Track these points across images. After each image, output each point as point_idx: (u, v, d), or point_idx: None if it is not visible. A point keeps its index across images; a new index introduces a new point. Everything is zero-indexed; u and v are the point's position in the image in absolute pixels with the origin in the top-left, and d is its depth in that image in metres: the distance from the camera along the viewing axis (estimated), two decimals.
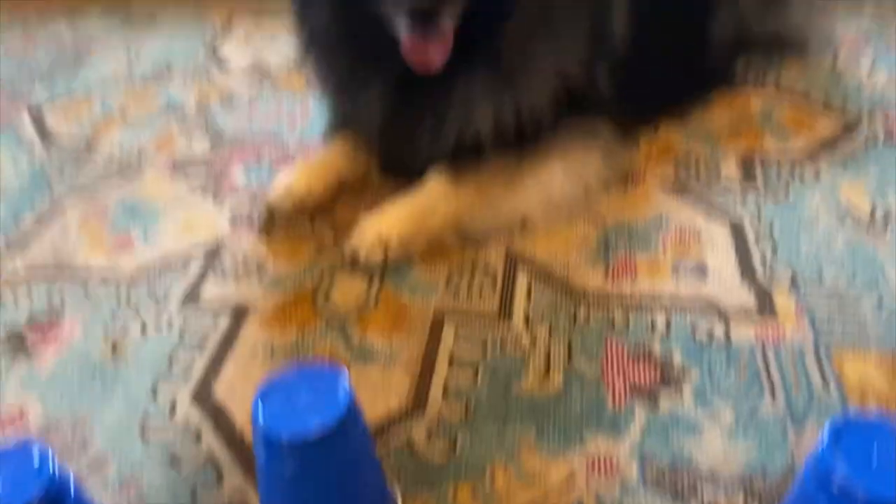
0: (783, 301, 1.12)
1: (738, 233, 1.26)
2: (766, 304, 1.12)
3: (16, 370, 1.10)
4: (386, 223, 1.25)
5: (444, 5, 1.10)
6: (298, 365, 0.80)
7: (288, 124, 1.66)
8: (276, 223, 1.34)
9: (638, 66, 1.42)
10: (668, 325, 1.10)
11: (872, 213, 1.27)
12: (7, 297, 1.23)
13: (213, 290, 1.22)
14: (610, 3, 1.38)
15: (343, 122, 1.45)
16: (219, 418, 1.00)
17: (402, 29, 1.15)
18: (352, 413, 0.76)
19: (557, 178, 1.34)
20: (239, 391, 1.04)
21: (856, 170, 1.39)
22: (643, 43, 1.41)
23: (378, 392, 1.02)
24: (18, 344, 1.14)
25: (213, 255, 1.29)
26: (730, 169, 1.41)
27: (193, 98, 1.80)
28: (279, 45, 2.00)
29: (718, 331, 1.08)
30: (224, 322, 1.16)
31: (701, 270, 1.19)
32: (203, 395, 1.04)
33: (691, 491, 0.87)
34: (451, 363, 1.06)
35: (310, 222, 1.35)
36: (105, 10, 2.35)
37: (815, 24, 1.80)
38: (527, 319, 1.13)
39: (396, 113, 1.32)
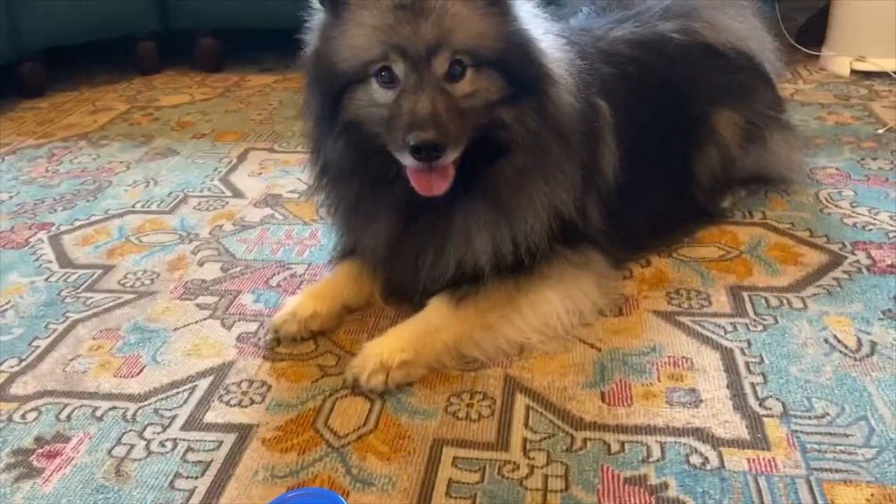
0: (774, 431, 1.14)
1: (728, 362, 1.30)
2: (757, 434, 1.14)
3: (20, 489, 1.11)
4: (388, 349, 1.29)
5: (445, 147, 1.20)
6: (298, 491, 0.82)
7: (297, 251, 1.74)
8: (280, 344, 1.39)
9: (627, 200, 1.51)
10: (662, 452, 1.12)
11: (859, 344, 1.32)
12: (16, 417, 1.25)
13: (217, 412, 1.25)
14: (599, 141, 1.49)
15: (350, 248, 1.52)
16: None
17: (407, 163, 1.24)
18: None
19: (553, 305, 1.39)
20: None
21: (841, 301, 1.44)
22: (631, 177, 1.51)
23: None
24: (24, 462, 1.16)
25: (218, 378, 1.33)
26: (720, 299, 1.47)
27: (207, 224, 1.89)
28: (290, 177, 2.12)
29: (712, 459, 1.10)
30: (227, 444, 1.18)
31: (694, 398, 1.22)
32: None
33: None
34: (448, 490, 1.08)
35: (314, 345, 1.40)
36: (127, 142, 2.49)
37: (795, 160, 1.91)
38: (524, 446, 1.15)
39: (400, 240, 1.39)
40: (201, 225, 1.89)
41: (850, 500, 1.02)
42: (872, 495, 1.02)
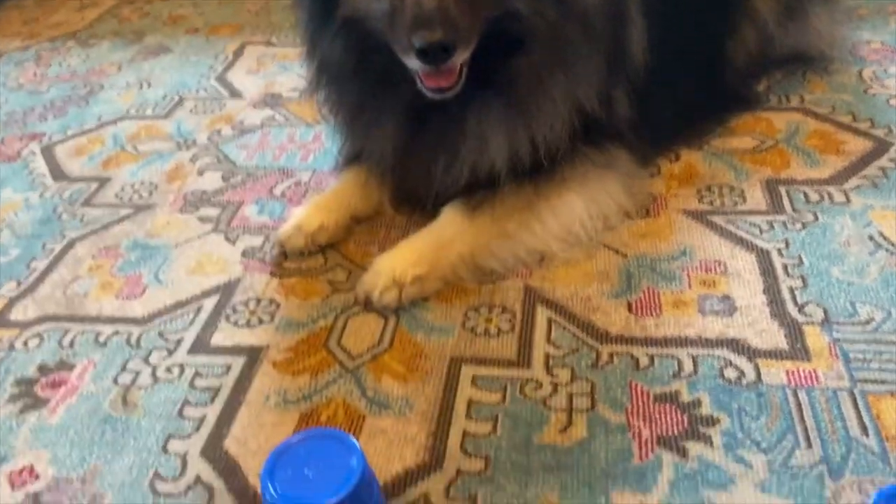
0: (815, 340, 1.07)
1: (765, 265, 1.21)
2: (797, 344, 1.07)
3: (26, 420, 1.08)
4: (400, 263, 1.21)
5: (454, 47, 1.07)
6: (308, 432, 0.76)
7: (300, 156, 1.64)
8: (287, 259, 1.32)
9: (657, 91, 1.38)
10: (695, 366, 1.05)
11: None
12: (18, 344, 1.21)
13: (225, 334, 1.19)
14: (627, 21, 1.34)
15: (355, 153, 1.42)
16: (231, 475, 0.97)
17: (413, 66, 1.12)
18: (365, 481, 0.72)
19: (576, 210, 1.30)
20: (252, 444, 1.01)
21: (887, 193, 1.34)
22: (661, 66, 1.37)
23: (393, 445, 0.99)
24: (28, 392, 1.12)
25: (224, 297, 1.27)
26: (755, 196, 1.37)
27: (205, 129, 1.78)
28: (290, 73, 1.99)
29: (748, 373, 1.03)
30: (236, 369, 1.13)
31: (728, 306, 1.14)
32: (214, 449, 1.01)
33: None
34: (468, 412, 1.02)
35: (323, 259, 1.33)
36: (117, 41, 2.35)
37: (838, 35, 1.75)
38: (547, 363, 1.09)
39: (409, 145, 1.29)
40: (199, 130, 1.79)
41: None
42: None
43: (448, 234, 1.26)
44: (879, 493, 0.62)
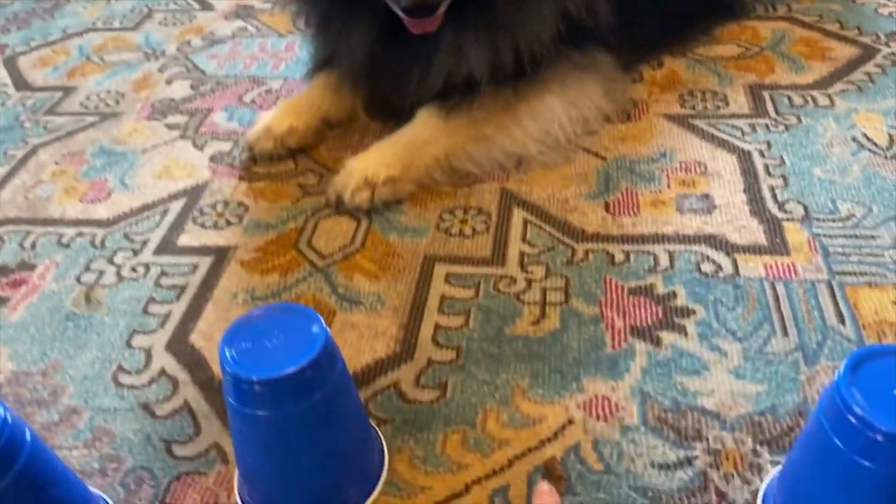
0: (795, 235, 1.05)
1: (746, 165, 1.19)
2: (776, 239, 1.05)
3: None
4: (372, 164, 1.18)
5: (439, 4, 1.06)
6: (269, 307, 0.74)
7: (272, 65, 1.58)
8: (256, 163, 1.28)
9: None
10: (671, 261, 1.03)
11: (890, 141, 1.20)
12: None
13: (192, 235, 1.16)
14: None
15: (326, 60, 1.37)
16: (195, 367, 0.95)
17: (397, 9, 1.08)
18: (328, 352, 0.70)
19: (555, 113, 1.26)
20: (217, 338, 0.97)
21: (872, 96, 1.31)
22: None
23: (364, 339, 0.97)
24: None
25: (192, 200, 1.23)
26: (738, 100, 1.33)
27: (175, 40, 1.72)
28: None
29: (725, 266, 1.01)
30: (203, 268, 1.10)
31: (707, 205, 1.12)
32: (180, 343, 0.98)
33: (695, 433, 0.82)
34: (441, 307, 1.00)
35: (293, 164, 1.29)
36: None
37: None
38: (522, 261, 1.06)
39: (382, 51, 1.24)
40: (168, 41, 1.72)
41: (875, 303, 0.94)
42: None
43: (423, 136, 1.22)
44: (852, 356, 0.60)
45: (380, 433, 0.84)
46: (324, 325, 0.71)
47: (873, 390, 0.58)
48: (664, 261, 1.03)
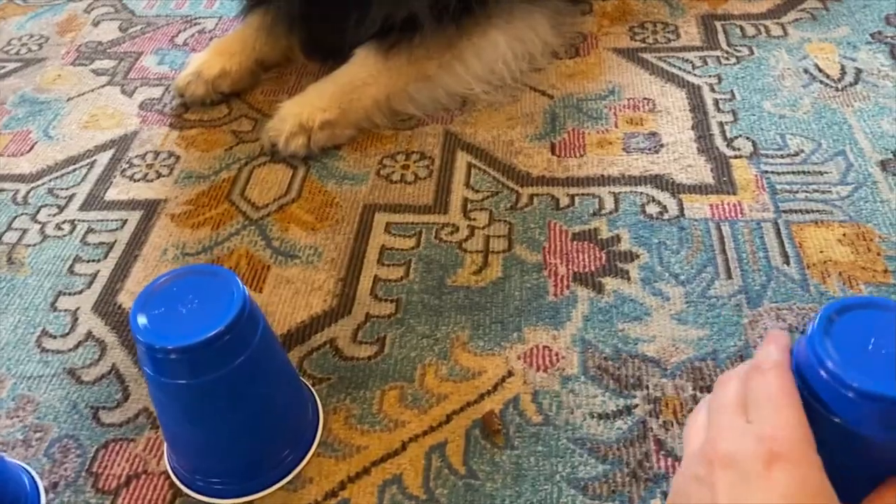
0: (742, 173, 1.02)
1: (695, 101, 1.15)
2: (723, 178, 1.02)
3: None
4: (307, 107, 1.12)
5: None
6: (182, 269, 0.70)
7: (205, 3, 1.49)
8: (188, 110, 1.21)
9: None
10: (616, 204, 1.00)
11: (842, 73, 1.16)
12: None
13: (120, 189, 1.10)
14: None
15: None
16: (123, 329, 0.91)
17: None
18: (247, 313, 0.66)
19: (500, 49, 1.20)
20: None
21: (826, 25, 1.27)
22: None
23: (300, 294, 0.93)
24: None
25: (120, 151, 1.17)
26: (689, 31, 1.29)
27: None
28: None
29: (671, 208, 0.99)
30: (132, 223, 1.05)
31: (654, 143, 1.09)
32: (107, 304, 0.94)
33: (636, 382, 0.80)
34: (380, 258, 0.97)
35: (227, 109, 1.22)
36: None
37: None
38: (465, 207, 1.03)
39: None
40: None
41: (820, 241, 0.92)
42: (845, 235, 0.93)
43: (361, 76, 1.16)
44: (827, 308, 0.57)
45: (314, 393, 0.82)
46: (241, 285, 0.67)
47: (847, 345, 0.55)
48: (609, 203, 1.00)
